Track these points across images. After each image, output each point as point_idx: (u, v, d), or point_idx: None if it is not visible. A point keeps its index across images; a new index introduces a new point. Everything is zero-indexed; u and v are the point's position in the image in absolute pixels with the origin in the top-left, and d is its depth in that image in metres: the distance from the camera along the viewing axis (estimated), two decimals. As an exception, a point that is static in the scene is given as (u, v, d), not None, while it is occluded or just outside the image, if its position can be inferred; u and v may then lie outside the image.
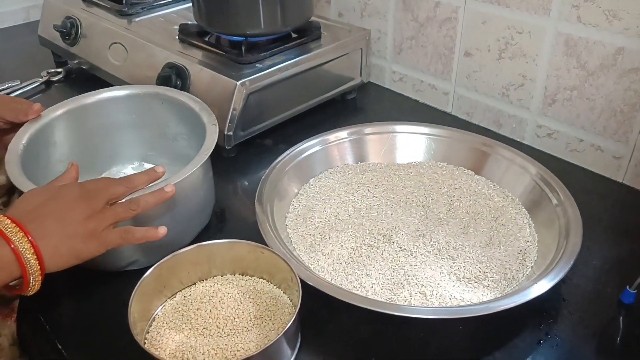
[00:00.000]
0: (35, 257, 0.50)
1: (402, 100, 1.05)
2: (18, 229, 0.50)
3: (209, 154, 0.65)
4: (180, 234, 0.67)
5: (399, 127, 0.83)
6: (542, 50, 0.82)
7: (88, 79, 1.08)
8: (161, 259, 0.59)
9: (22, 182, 0.60)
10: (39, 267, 0.51)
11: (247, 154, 0.88)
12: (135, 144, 0.80)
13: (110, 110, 0.77)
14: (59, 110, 0.73)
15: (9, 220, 0.51)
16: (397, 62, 1.04)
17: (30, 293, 0.53)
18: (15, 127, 0.69)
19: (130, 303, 0.53)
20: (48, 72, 1.12)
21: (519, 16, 0.83)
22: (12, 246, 0.49)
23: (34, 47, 1.20)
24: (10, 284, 0.52)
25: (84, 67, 1.09)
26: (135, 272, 0.62)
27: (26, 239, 0.50)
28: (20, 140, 0.66)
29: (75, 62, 1.11)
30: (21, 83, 1.08)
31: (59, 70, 1.13)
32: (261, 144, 0.91)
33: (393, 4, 0.99)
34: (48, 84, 1.11)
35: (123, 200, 0.57)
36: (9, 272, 0.50)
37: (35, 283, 0.51)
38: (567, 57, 0.80)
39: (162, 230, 0.57)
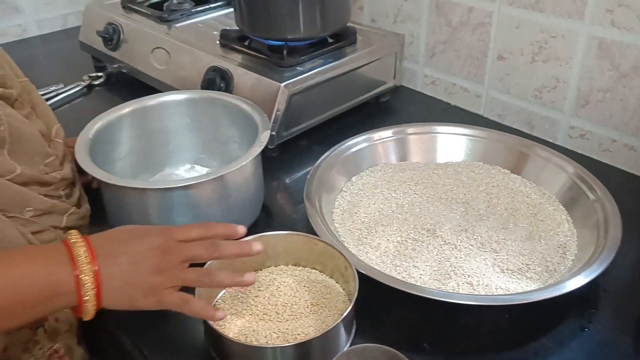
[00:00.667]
0: (95, 291, 0.50)
1: (434, 102, 1.08)
2: (90, 262, 0.50)
3: (263, 146, 0.69)
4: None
5: (440, 128, 0.86)
6: (576, 54, 0.85)
7: (128, 82, 1.12)
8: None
9: (90, 167, 0.64)
10: (95, 303, 0.51)
11: (287, 153, 0.92)
12: (188, 147, 0.83)
13: (168, 113, 0.80)
14: (124, 109, 0.77)
15: (86, 250, 0.51)
16: (430, 65, 1.07)
17: (85, 319, 0.53)
18: None
19: (197, 288, 0.56)
20: (90, 76, 1.16)
21: (553, 20, 0.86)
22: (76, 272, 0.50)
23: (73, 52, 1.25)
24: None
25: (124, 71, 1.12)
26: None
27: (92, 273, 0.50)
28: (87, 134, 0.70)
29: (115, 66, 1.15)
30: (65, 87, 1.12)
31: (100, 74, 1.17)
32: (299, 145, 0.94)
33: (426, 10, 1.02)
34: (90, 87, 1.15)
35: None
36: (69, 299, 0.50)
37: (88, 313, 0.51)
38: (601, 59, 0.83)
39: (220, 314, 0.54)
